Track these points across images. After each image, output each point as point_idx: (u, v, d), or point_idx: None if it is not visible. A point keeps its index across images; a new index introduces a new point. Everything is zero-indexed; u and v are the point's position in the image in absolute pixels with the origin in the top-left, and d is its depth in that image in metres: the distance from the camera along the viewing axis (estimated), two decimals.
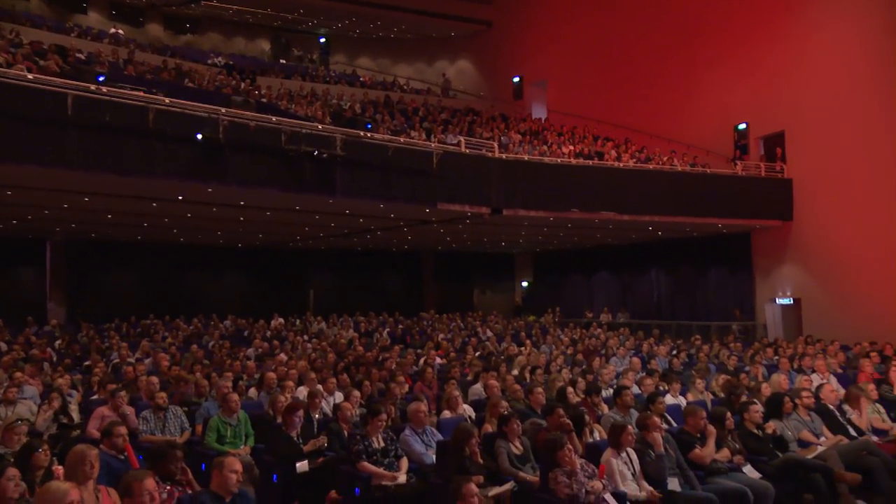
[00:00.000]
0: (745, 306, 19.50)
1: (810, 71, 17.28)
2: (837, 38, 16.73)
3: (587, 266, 25.36)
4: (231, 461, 4.12)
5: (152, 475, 3.95)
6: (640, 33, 22.24)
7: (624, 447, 5.55)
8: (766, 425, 6.78)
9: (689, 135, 19.98)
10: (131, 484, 3.74)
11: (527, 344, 14.72)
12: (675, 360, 12.03)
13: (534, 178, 16.05)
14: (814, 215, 17.33)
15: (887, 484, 6.32)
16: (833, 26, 16.90)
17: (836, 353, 12.22)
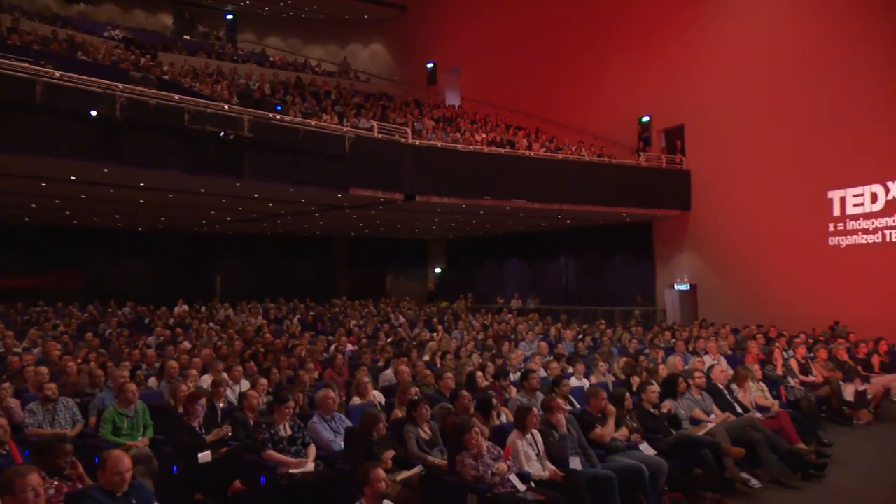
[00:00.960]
0: (647, 292, 20.37)
1: (708, 68, 18.14)
2: (733, 37, 17.61)
3: (499, 253, 25.80)
4: (116, 456, 3.91)
5: (37, 470, 3.73)
6: (552, 24, 22.70)
7: (529, 429, 5.69)
8: (661, 405, 7.12)
9: (596, 126, 20.60)
10: (12, 480, 3.51)
11: (439, 330, 14.85)
12: (580, 343, 12.45)
13: (447, 165, 16.14)
14: (709, 206, 18.27)
15: (768, 457, 6.80)
16: (730, 25, 17.76)
17: (726, 335, 12.92)
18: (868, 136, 14.74)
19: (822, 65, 15.50)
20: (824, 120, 15.51)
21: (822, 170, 15.61)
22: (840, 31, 15.21)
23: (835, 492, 6.80)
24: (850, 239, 15.25)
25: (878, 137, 14.58)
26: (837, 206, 15.55)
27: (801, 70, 15.99)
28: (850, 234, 15.29)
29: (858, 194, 15.15)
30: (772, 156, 16.60)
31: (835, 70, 15.28)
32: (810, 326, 13.76)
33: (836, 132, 15.28)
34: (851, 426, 9.56)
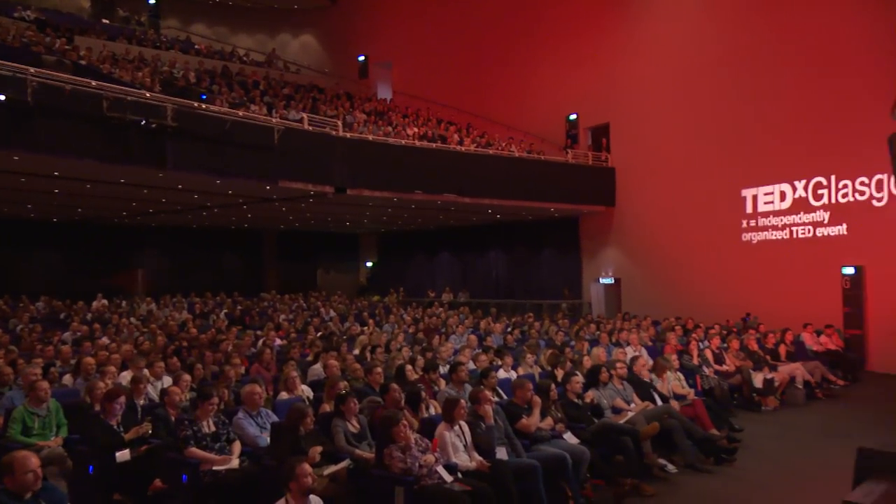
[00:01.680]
0: (573, 286, 20.81)
1: (633, 68, 18.61)
2: (657, 39, 18.11)
3: (430, 247, 25.87)
4: (22, 456, 3.71)
5: None
6: (483, 21, 22.84)
7: (457, 420, 5.74)
8: (585, 395, 7.31)
9: (526, 122, 20.88)
10: None
11: (370, 324, 14.78)
12: (509, 336, 12.62)
13: (378, 159, 16.06)
14: (632, 202, 18.81)
15: (683, 443, 7.10)
16: (655, 27, 18.26)
17: (647, 327, 13.39)
18: (778, 137, 15.42)
19: (738, 69, 16.12)
20: (739, 121, 16.15)
21: (737, 169, 16.26)
22: (754, 38, 15.84)
23: (744, 475, 7.15)
24: (761, 235, 15.98)
25: (787, 139, 15.28)
26: (750, 203, 16.23)
27: (719, 73, 16.58)
28: (760, 231, 16.01)
29: (769, 193, 15.85)
30: (691, 155, 17.20)
31: (749, 74, 15.90)
32: (724, 318, 14.38)
33: (749, 133, 15.94)
34: (760, 412, 10.07)
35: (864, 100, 12.89)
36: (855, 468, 4.92)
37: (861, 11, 13.74)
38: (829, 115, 14.34)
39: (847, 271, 14.18)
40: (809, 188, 15.11)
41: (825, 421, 9.60)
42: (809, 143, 14.88)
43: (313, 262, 28.39)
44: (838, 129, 14.15)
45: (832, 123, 14.28)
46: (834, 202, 14.68)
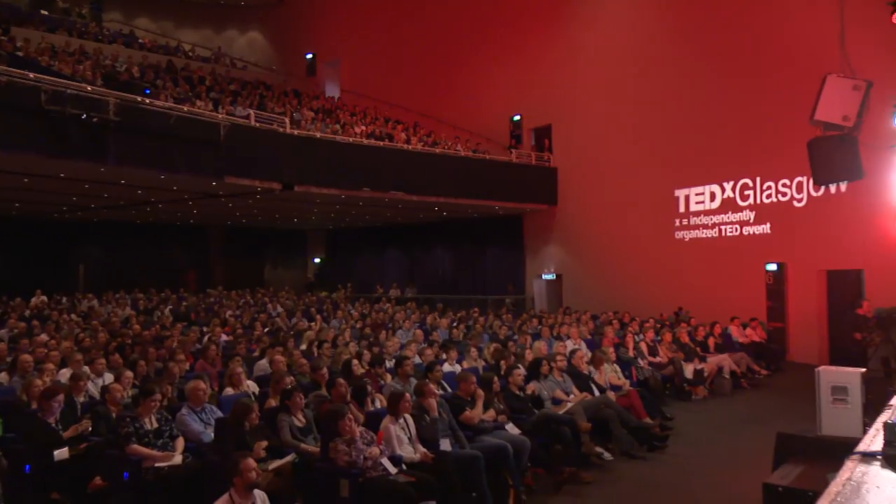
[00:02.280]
0: (517, 281, 21.05)
1: (574, 71, 18.90)
2: (598, 44, 18.42)
3: (378, 243, 25.77)
4: None
5: None
6: (429, 22, 22.84)
7: (402, 414, 5.75)
8: (527, 387, 7.41)
9: (471, 123, 20.98)
10: None
11: (317, 319, 14.63)
12: (455, 330, 12.69)
13: (326, 156, 15.89)
14: (573, 201, 19.13)
15: (619, 432, 7.27)
16: (595, 32, 18.56)
17: (587, 321, 13.63)
18: (708, 141, 15.87)
19: (672, 75, 16.52)
20: (672, 125, 16.57)
21: (670, 170, 16.69)
22: (686, 46, 16.22)
23: (675, 460, 7.38)
24: (693, 233, 16.45)
25: (716, 143, 15.75)
26: (682, 203, 16.69)
27: (654, 78, 16.98)
28: (692, 229, 16.48)
29: (700, 193, 16.33)
30: (628, 156, 17.56)
31: (682, 80, 16.32)
32: (658, 312, 14.77)
33: (682, 136, 16.38)
34: (690, 401, 10.39)
35: (786, 106, 13.34)
36: (774, 452, 5.15)
37: (785, 23, 14.22)
38: (754, 120, 14.83)
39: (770, 268, 14.72)
40: (737, 189, 15.63)
41: (749, 408, 9.99)
42: (736, 147, 15.36)
43: (261, 258, 27.92)
44: (763, 133, 14.65)
45: (757, 128, 14.77)
46: (758, 203, 15.22)
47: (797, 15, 13.77)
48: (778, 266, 14.65)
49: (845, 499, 2.53)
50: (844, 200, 13.37)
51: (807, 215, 14.27)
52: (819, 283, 14.00)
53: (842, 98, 9.09)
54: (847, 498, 2.54)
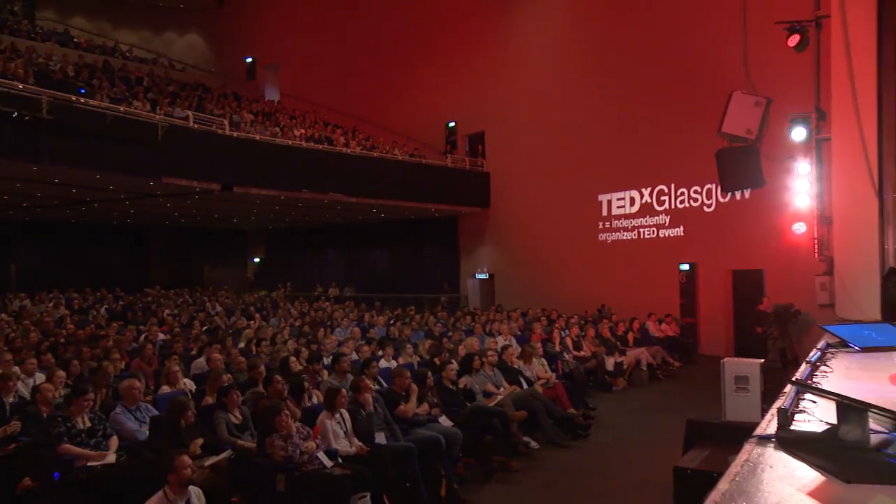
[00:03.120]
0: (452, 280, 21.15)
1: (506, 81, 19.11)
2: (528, 55, 18.67)
3: (318, 243, 25.42)
4: None
5: None
6: (369, 28, 22.67)
7: (338, 409, 5.70)
8: (459, 381, 7.46)
9: (409, 128, 20.97)
10: None
11: (256, 318, 14.33)
12: (392, 328, 12.63)
13: (265, 158, 15.58)
14: (505, 204, 19.37)
15: (545, 422, 7.41)
16: (526, 44, 18.79)
17: (517, 318, 13.83)
18: (628, 149, 16.32)
19: (595, 85, 16.90)
20: (596, 133, 16.95)
21: (594, 176, 17.08)
22: (608, 59, 16.66)
23: (596, 447, 7.58)
24: (614, 235, 16.91)
25: (635, 151, 16.20)
26: (605, 207, 17.12)
27: (579, 88, 17.31)
28: (614, 232, 16.93)
29: (621, 198, 16.80)
30: (556, 162, 17.89)
31: (604, 91, 16.71)
32: (583, 309, 15.12)
33: (604, 144, 16.79)
34: (611, 392, 10.69)
35: (697, 119, 13.84)
36: (684, 437, 5.35)
37: (696, 42, 14.73)
38: (669, 131, 15.32)
39: (683, 267, 15.27)
40: (653, 195, 16.14)
41: (663, 397, 10.33)
42: (653, 156, 15.84)
43: (200, 257, 27.10)
44: (677, 143, 15.16)
45: (672, 139, 15.27)
46: (673, 207, 15.77)
47: (707, 36, 14.28)
48: (690, 266, 15.21)
49: (742, 479, 2.66)
50: (748, 206, 14.00)
51: (715, 219, 14.86)
52: (726, 281, 14.60)
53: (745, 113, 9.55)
54: (744, 478, 2.67)
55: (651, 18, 15.79)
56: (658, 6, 15.64)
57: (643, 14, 15.93)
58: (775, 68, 10.86)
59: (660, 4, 15.61)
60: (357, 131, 20.62)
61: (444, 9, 20.70)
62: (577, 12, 17.66)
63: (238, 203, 17.90)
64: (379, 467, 5.29)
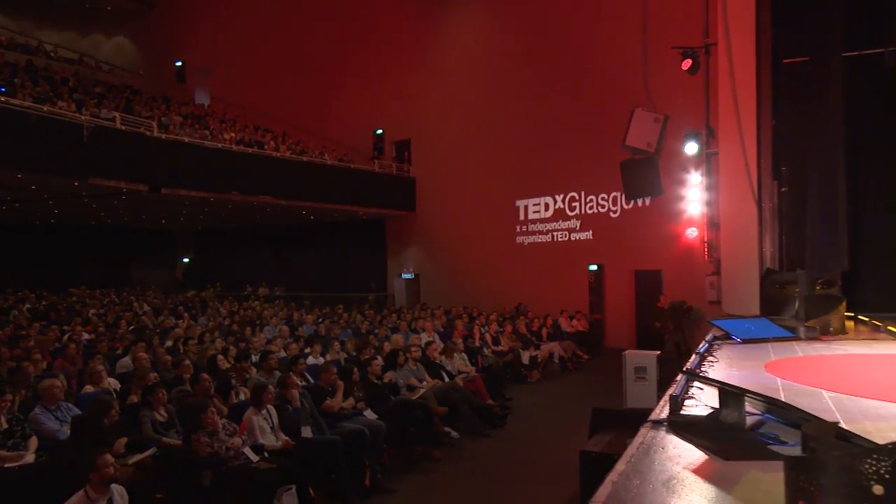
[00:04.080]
0: (379, 280, 21.02)
1: (430, 92, 19.18)
2: (451, 66, 18.78)
3: (249, 243, 24.68)
4: None
5: None
6: (299, 36, 22.20)
7: (265, 405, 5.56)
8: (384, 376, 7.42)
9: (338, 134, 20.71)
10: None
11: (185, 317, 13.76)
12: (320, 326, 12.43)
13: (195, 160, 15.02)
14: (430, 208, 19.44)
15: (466, 413, 7.48)
16: (449, 56, 18.88)
17: (440, 316, 13.88)
18: (543, 158, 16.71)
19: (514, 97, 17.19)
20: (514, 142, 17.27)
21: (513, 183, 17.41)
22: (527, 74, 16.99)
23: (512, 435, 7.71)
24: (531, 238, 17.27)
25: (550, 160, 16.61)
26: (522, 212, 17.47)
27: (499, 100, 17.57)
28: (530, 235, 17.30)
29: (536, 204, 17.19)
30: (478, 169, 18.10)
31: (521, 102, 17.02)
32: (501, 306, 15.35)
33: (522, 153, 17.12)
34: (526, 383, 10.89)
35: (604, 132, 14.29)
36: (590, 423, 5.52)
37: (603, 62, 15.23)
38: (580, 142, 15.77)
39: (592, 268, 15.77)
40: (566, 201, 16.58)
41: (573, 388, 10.63)
42: (566, 165, 16.28)
43: (128, 257, 25.76)
44: (587, 154, 15.62)
45: (583, 149, 15.73)
46: (583, 213, 16.25)
47: (612, 57, 14.77)
48: (598, 267, 15.72)
49: (637, 459, 2.77)
50: (648, 213, 14.60)
51: (620, 224, 15.42)
52: (629, 281, 15.18)
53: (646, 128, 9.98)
54: (639, 459, 2.78)
55: (563, 39, 16.21)
56: (569, 28, 16.08)
57: (556, 35, 16.34)
58: (672, 89, 11.37)
59: (571, 27, 16.05)
60: (287, 136, 20.18)
61: (372, 19, 20.55)
62: (498, 27, 17.92)
63: (167, 204, 17.16)
64: (305, 460, 5.20)
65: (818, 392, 3.98)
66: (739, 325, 6.83)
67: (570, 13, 16.01)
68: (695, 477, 2.50)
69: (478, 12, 18.51)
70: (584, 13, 15.73)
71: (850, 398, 3.78)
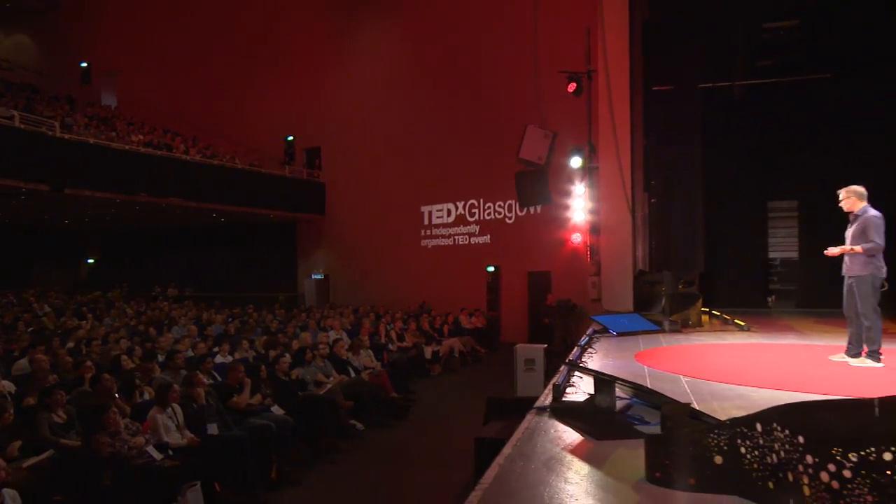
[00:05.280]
0: (290, 280, 20.41)
1: (339, 102, 18.84)
2: (359, 78, 18.54)
3: (158, 245, 23.16)
4: None
5: None
6: (209, 42, 21.12)
7: (169, 403, 5.24)
8: (292, 372, 7.22)
9: (250, 139, 19.91)
10: None
11: (88, 318, 12.73)
12: (230, 325, 11.90)
13: (100, 161, 13.96)
14: (339, 212, 19.12)
15: (372, 406, 7.41)
16: (357, 67, 18.63)
17: (348, 314, 13.69)
18: (446, 168, 16.85)
19: (419, 110, 17.21)
20: (419, 151, 17.29)
21: (418, 190, 17.44)
22: (431, 87, 17.01)
23: (415, 425, 7.74)
24: (434, 242, 17.39)
25: (452, 169, 16.78)
26: (427, 217, 17.56)
27: (405, 112, 17.52)
28: (434, 238, 17.41)
29: (440, 210, 17.34)
30: (385, 176, 17.99)
31: (426, 115, 17.08)
32: (407, 305, 15.35)
33: (426, 162, 17.20)
34: (429, 377, 10.95)
35: (502, 145, 14.58)
36: (485, 412, 5.64)
37: (500, 80, 15.54)
38: (480, 153, 16.03)
39: (489, 269, 16.12)
40: (466, 207, 16.83)
41: (472, 380, 10.80)
42: (467, 174, 16.52)
43: (28, 258, 23.47)
44: (485, 164, 15.90)
45: (481, 160, 16.00)
46: (482, 219, 16.57)
47: (508, 78, 15.11)
48: (495, 268, 16.08)
49: (522, 443, 2.86)
50: (539, 219, 15.07)
51: (515, 230, 15.86)
52: (522, 281, 15.63)
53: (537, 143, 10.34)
54: (524, 442, 2.87)
55: (464, 58, 16.41)
56: (469, 49, 16.29)
57: (458, 54, 16.53)
58: (560, 108, 11.82)
59: (471, 47, 16.27)
60: (198, 140, 19.17)
61: (282, 31, 19.93)
62: (405, 44, 17.90)
63: (71, 205, 15.81)
64: (210, 456, 4.95)
65: (677, 378, 4.28)
66: (615, 320, 7.22)
67: (470, 34, 16.28)
68: (572, 456, 2.61)
69: (386, 28, 18.44)
70: (483, 36, 16.04)
71: (702, 382, 4.09)
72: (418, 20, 17.56)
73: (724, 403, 3.41)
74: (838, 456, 1.56)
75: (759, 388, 3.82)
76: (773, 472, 1.87)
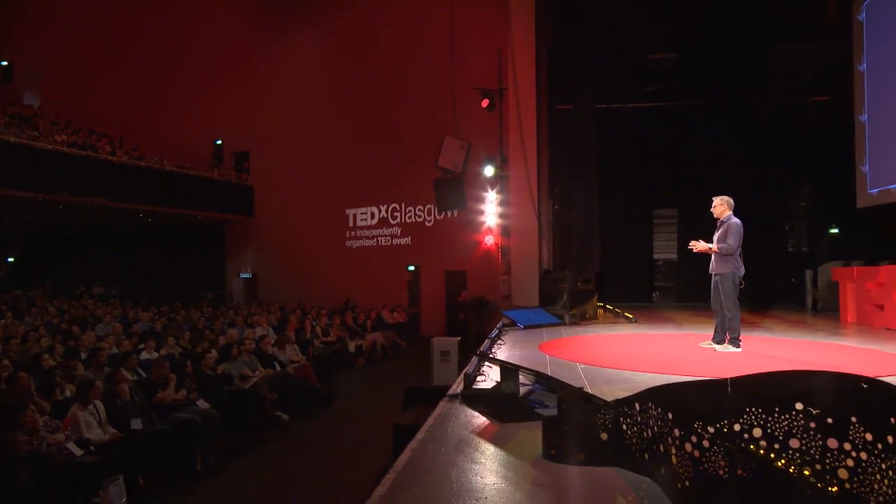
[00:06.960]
0: (219, 279, 19.47)
1: (267, 108, 18.14)
2: (288, 85, 17.94)
3: (84, 244, 21.33)
4: None
5: None
6: (135, 43, 19.73)
7: (91, 400, 4.86)
8: (218, 367, 6.88)
9: (179, 142, 18.80)
10: None
11: (8, 316, 11.55)
12: (157, 323, 11.19)
13: (22, 160, 12.72)
14: (267, 214, 18.45)
15: (296, 397, 7.21)
16: (288, 74, 17.99)
17: (275, 311, 13.22)
18: (370, 173, 16.58)
19: (344, 117, 16.85)
20: (344, 156, 16.93)
21: (343, 193, 17.10)
22: (356, 95, 16.67)
23: (338, 415, 7.61)
24: (359, 243, 17.12)
25: (375, 175, 16.53)
26: (352, 219, 17.24)
27: (331, 119, 17.10)
28: (358, 239, 17.15)
29: (364, 213, 17.09)
30: (312, 180, 17.52)
31: (350, 123, 16.73)
32: (332, 302, 15.04)
33: (350, 167, 16.87)
34: (353, 369, 10.80)
35: (422, 153, 14.63)
36: (403, 400, 5.63)
37: (419, 92, 15.43)
38: (401, 160, 15.88)
39: (410, 268, 16.09)
40: (389, 211, 16.69)
41: (392, 371, 10.72)
42: (389, 179, 16.32)
43: None
44: (407, 171, 15.79)
45: (403, 167, 15.87)
46: (403, 221, 16.49)
47: (427, 91, 15.07)
48: (415, 267, 16.08)
49: (435, 428, 2.87)
50: (456, 222, 15.20)
51: (433, 232, 15.89)
52: (440, 279, 15.71)
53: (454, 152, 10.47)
54: (436, 427, 2.89)
55: (386, 69, 16.22)
56: (390, 61, 16.08)
57: (379, 65, 16.33)
58: (475, 121, 12.04)
59: (392, 59, 16.07)
60: (124, 141, 17.88)
61: (211, 35, 18.94)
62: (328, 52, 17.44)
63: None
64: (133, 451, 4.64)
65: (574, 365, 4.46)
66: (522, 314, 7.43)
67: (393, 51, 16.15)
68: (479, 439, 2.65)
69: (308, 36, 17.90)
70: (404, 52, 15.94)
71: (595, 368, 4.29)
72: (343, 37, 17.21)
73: (613, 386, 3.58)
74: (699, 429, 1.68)
75: (641, 372, 4.05)
76: (648, 444, 1.99)
